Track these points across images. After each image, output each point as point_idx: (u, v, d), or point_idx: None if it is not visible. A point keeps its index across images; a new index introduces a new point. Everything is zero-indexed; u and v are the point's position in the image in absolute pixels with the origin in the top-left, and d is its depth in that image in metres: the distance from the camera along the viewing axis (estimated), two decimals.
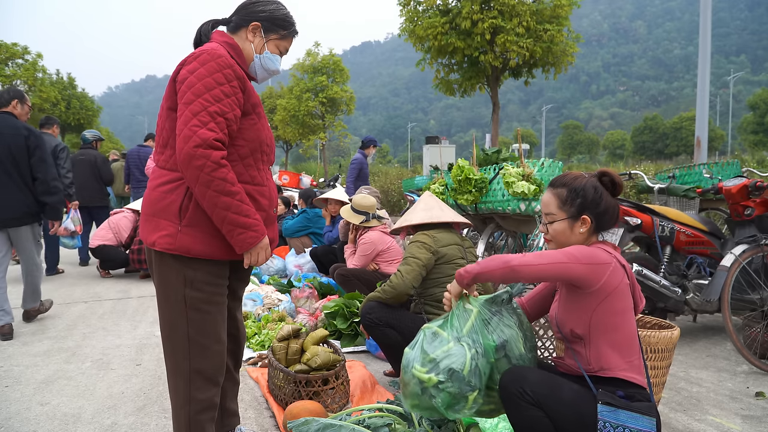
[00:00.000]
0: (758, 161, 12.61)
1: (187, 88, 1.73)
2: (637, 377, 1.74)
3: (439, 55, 12.13)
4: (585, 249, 1.76)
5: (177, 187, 1.81)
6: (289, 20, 1.98)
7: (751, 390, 2.98)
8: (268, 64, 1.97)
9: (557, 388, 1.70)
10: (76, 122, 27.86)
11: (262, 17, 1.93)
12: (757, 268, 3.51)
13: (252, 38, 1.93)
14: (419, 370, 1.76)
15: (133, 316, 4.60)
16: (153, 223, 1.84)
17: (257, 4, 1.94)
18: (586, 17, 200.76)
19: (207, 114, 1.71)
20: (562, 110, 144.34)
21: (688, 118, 52.33)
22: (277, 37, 1.97)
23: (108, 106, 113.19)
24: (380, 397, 2.77)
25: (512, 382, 1.71)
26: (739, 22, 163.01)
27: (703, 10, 9.02)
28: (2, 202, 3.91)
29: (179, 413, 1.89)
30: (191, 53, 1.83)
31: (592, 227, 1.84)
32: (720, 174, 4.53)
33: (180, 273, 1.82)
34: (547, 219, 1.89)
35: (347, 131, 23.82)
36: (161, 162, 1.87)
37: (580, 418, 1.66)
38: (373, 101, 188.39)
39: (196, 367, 1.85)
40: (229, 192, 1.72)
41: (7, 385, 3.05)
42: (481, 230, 4.33)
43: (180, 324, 1.83)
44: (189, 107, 1.71)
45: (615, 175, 1.88)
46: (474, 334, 1.78)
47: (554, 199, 1.86)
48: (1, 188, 3.92)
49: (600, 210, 1.83)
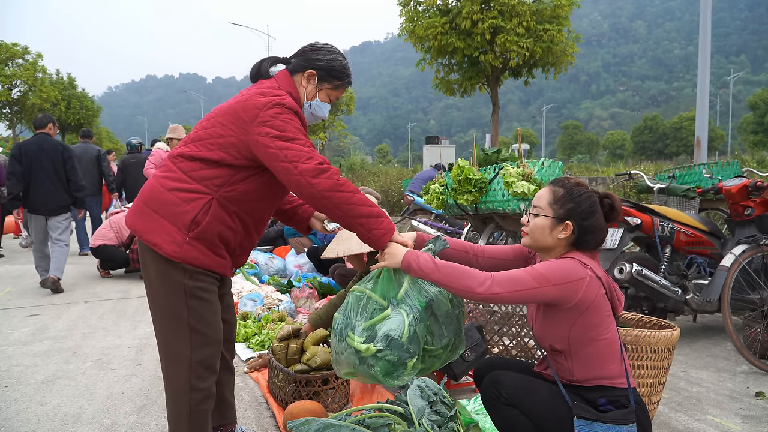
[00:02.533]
0: (758, 161, 12.60)
1: (280, 130, 1.79)
2: (620, 380, 1.74)
3: (439, 55, 12.13)
4: (556, 266, 1.70)
5: (195, 199, 1.83)
6: (345, 72, 2.02)
7: (751, 390, 2.98)
8: (317, 111, 2.03)
9: (533, 390, 1.75)
10: (76, 122, 27.88)
11: (319, 66, 1.98)
12: (757, 268, 3.51)
13: (306, 84, 1.99)
14: (355, 340, 1.73)
15: (133, 316, 4.60)
16: (157, 221, 1.84)
17: (318, 52, 2.00)
18: (586, 17, 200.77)
19: (312, 147, 1.83)
20: (562, 110, 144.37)
21: (688, 118, 52.33)
22: (330, 87, 2.02)
23: (108, 106, 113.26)
24: (380, 397, 2.77)
25: (489, 387, 1.79)
26: (739, 22, 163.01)
27: (703, 10, 9.02)
28: (47, 198, 5.51)
29: (179, 402, 1.89)
30: (266, 99, 1.84)
31: (572, 238, 1.78)
32: (720, 174, 4.53)
33: (178, 265, 1.85)
34: (533, 211, 1.85)
35: (347, 131, 23.88)
36: (186, 168, 1.87)
37: (558, 418, 1.69)
38: (373, 101, 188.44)
39: (198, 357, 1.87)
40: (354, 190, 1.81)
41: (7, 385, 3.05)
42: (481, 230, 4.33)
43: (182, 313, 1.86)
44: (295, 142, 1.79)
45: (617, 202, 1.83)
46: (409, 299, 1.76)
47: (548, 195, 1.82)
48: (46, 188, 5.49)
49: (586, 224, 1.77)
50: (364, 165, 34.98)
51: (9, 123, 23.34)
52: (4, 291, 5.66)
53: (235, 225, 1.90)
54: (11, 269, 7.05)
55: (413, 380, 2.16)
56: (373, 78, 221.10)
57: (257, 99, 1.84)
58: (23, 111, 22.95)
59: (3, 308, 4.90)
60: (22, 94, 22.58)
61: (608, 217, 1.83)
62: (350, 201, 1.77)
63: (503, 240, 4.91)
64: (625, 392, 1.73)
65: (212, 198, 1.84)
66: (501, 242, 5.11)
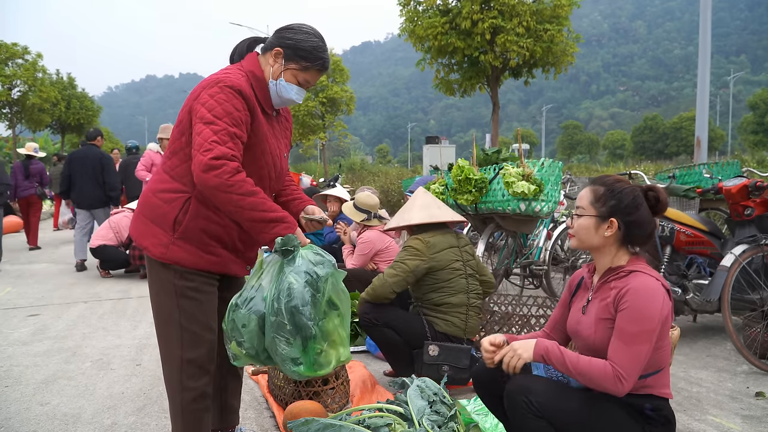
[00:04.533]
0: (758, 161, 12.59)
1: (208, 110, 1.76)
2: (665, 390, 1.74)
3: (439, 55, 12.12)
4: (642, 310, 1.63)
5: (175, 199, 1.84)
6: (314, 53, 1.92)
7: (751, 390, 2.98)
8: (282, 92, 1.93)
9: (565, 400, 1.68)
10: (75, 122, 27.85)
11: (287, 44, 1.91)
12: (757, 268, 3.51)
13: (273, 63, 1.92)
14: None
15: (133, 316, 4.60)
16: (147, 226, 1.88)
17: (288, 31, 1.93)
18: (586, 17, 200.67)
19: (227, 134, 1.74)
20: (562, 110, 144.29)
21: (688, 118, 52.29)
22: (297, 68, 1.92)
23: (108, 106, 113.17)
24: (380, 397, 2.77)
25: (518, 392, 1.69)
26: (739, 22, 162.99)
27: (703, 10, 9.01)
28: (91, 195, 7.06)
29: (174, 401, 1.92)
30: (212, 77, 1.83)
31: (619, 234, 1.76)
32: (720, 174, 4.52)
33: (169, 266, 1.86)
34: (576, 212, 1.83)
35: (347, 131, 23.84)
36: (167, 167, 1.90)
37: (586, 428, 1.66)
38: (373, 101, 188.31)
39: (189, 356, 1.88)
40: (252, 192, 1.73)
41: (7, 385, 3.05)
42: (481, 230, 4.32)
43: (173, 313, 1.87)
44: (210, 126, 1.74)
45: (662, 194, 1.80)
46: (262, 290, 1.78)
47: (589, 194, 1.80)
48: (90, 188, 7.05)
49: (631, 219, 1.74)
50: (364, 165, 35.05)
51: (9, 123, 23.32)
52: (4, 291, 5.65)
53: (220, 219, 1.85)
54: (11, 269, 7.05)
55: (413, 380, 2.16)
56: (373, 78, 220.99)
57: (206, 80, 1.84)
58: (23, 111, 22.92)
59: (3, 308, 4.90)
60: (22, 94, 22.55)
61: (654, 210, 1.80)
62: (238, 204, 1.71)
63: (503, 240, 4.92)
64: (666, 403, 1.71)
65: (190, 196, 1.83)
66: (501, 242, 5.11)
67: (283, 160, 2.04)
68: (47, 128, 27.38)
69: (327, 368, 1.79)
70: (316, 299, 1.73)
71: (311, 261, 1.77)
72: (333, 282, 1.80)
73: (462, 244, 3.01)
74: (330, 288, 1.78)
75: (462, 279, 2.91)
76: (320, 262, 1.78)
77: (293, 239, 1.75)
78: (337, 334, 1.81)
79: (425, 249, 2.86)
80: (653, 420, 1.69)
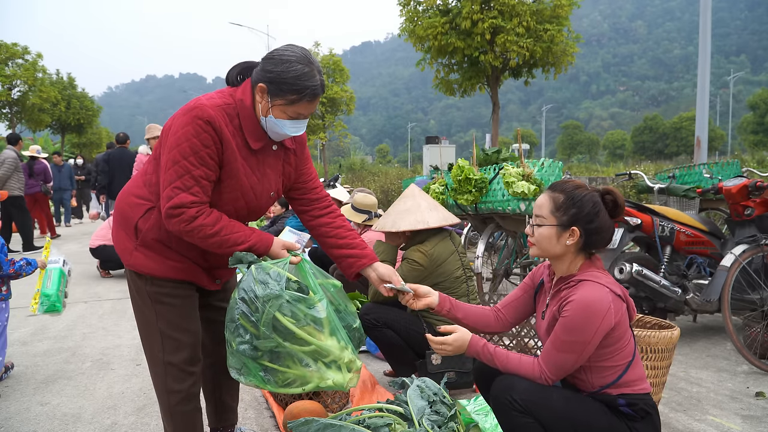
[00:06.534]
0: (758, 161, 12.59)
1: (176, 144, 1.69)
2: (640, 386, 1.74)
3: (439, 55, 12.11)
4: (579, 321, 1.65)
5: (140, 205, 1.84)
6: (299, 83, 1.71)
7: (751, 390, 2.98)
8: (274, 128, 1.78)
9: (547, 396, 1.70)
10: (75, 122, 27.83)
11: (268, 78, 1.72)
12: (757, 268, 3.51)
13: (260, 99, 1.77)
14: None
15: (133, 316, 4.59)
16: (116, 229, 1.90)
17: (269, 62, 1.73)
18: (586, 17, 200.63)
19: (191, 178, 1.69)
20: (562, 110, 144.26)
21: (688, 118, 52.27)
22: (283, 103, 1.73)
23: (108, 106, 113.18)
24: (380, 397, 2.77)
25: (501, 391, 1.73)
26: (739, 22, 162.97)
27: (703, 10, 9.01)
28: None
29: (162, 403, 1.94)
30: (193, 102, 1.74)
31: (580, 242, 1.75)
32: (720, 174, 4.53)
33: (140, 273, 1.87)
34: (536, 221, 1.80)
35: (347, 131, 23.79)
36: (144, 170, 1.90)
37: (572, 425, 1.67)
38: (373, 101, 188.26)
39: (170, 360, 1.88)
40: (212, 234, 1.72)
41: (7, 385, 3.05)
42: (481, 230, 4.32)
43: (150, 318, 1.88)
44: (175, 167, 1.69)
45: (619, 197, 1.77)
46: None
47: (549, 203, 1.77)
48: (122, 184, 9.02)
49: (592, 227, 1.73)
50: (364, 165, 34.99)
51: (9, 123, 23.31)
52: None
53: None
54: None
55: (413, 380, 2.16)
56: (373, 78, 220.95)
57: (189, 102, 1.76)
58: (23, 111, 22.89)
59: None
60: (22, 94, 22.52)
61: (612, 213, 1.78)
62: (204, 243, 1.74)
63: (503, 240, 4.91)
64: (645, 397, 1.72)
65: (154, 206, 1.81)
66: (501, 242, 5.11)
67: (264, 196, 1.89)
68: (47, 128, 27.35)
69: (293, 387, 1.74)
70: (247, 317, 1.70)
71: (255, 279, 1.73)
72: (289, 306, 1.71)
73: (457, 244, 3.01)
74: (277, 309, 1.69)
75: (463, 284, 2.92)
76: (264, 281, 1.72)
77: (246, 256, 1.76)
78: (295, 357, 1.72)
79: (428, 263, 2.80)
80: (631, 415, 1.71)
